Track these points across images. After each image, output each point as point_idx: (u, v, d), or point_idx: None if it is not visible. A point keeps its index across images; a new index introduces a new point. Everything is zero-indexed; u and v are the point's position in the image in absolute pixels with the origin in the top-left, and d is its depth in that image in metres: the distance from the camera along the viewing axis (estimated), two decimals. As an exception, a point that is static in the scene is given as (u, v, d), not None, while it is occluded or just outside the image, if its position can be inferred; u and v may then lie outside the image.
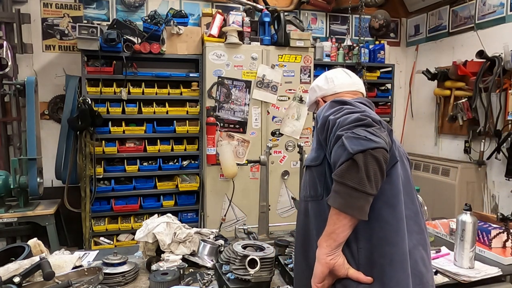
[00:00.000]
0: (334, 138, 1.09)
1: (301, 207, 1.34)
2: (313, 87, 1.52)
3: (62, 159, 3.51)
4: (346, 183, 1.02)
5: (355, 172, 1.01)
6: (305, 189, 1.31)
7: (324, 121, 1.16)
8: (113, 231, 3.62)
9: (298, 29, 3.79)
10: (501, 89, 3.52)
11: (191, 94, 3.77)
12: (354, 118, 1.08)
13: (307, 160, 1.30)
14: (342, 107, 1.17)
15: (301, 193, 1.36)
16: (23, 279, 1.43)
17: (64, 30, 3.82)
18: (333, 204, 1.06)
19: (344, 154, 1.02)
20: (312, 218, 1.26)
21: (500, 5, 3.65)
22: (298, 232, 1.37)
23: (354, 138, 1.02)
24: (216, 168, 3.53)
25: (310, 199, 1.27)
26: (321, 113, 1.22)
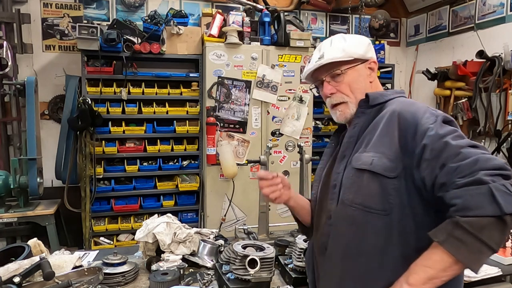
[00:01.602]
0: (465, 175, 0.97)
1: (340, 211, 1.21)
2: (365, 41, 1.31)
3: (62, 159, 3.51)
4: (483, 240, 0.93)
5: (499, 233, 0.94)
6: (352, 194, 1.17)
7: (437, 140, 1.03)
8: (113, 231, 3.62)
9: (298, 29, 3.79)
10: (501, 89, 3.52)
11: (191, 94, 3.77)
12: (498, 164, 0.98)
13: (374, 166, 1.13)
14: (457, 130, 1.07)
15: (344, 194, 1.20)
16: (23, 279, 1.43)
17: (64, 30, 3.82)
18: (456, 255, 0.96)
19: (490, 208, 0.92)
20: (363, 231, 1.15)
21: (500, 5, 3.65)
22: (335, 240, 1.23)
23: (507, 195, 0.92)
24: (216, 168, 3.53)
25: (363, 209, 1.14)
26: (424, 123, 1.08)
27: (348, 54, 1.25)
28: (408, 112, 1.14)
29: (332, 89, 1.28)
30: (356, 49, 1.27)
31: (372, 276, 1.15)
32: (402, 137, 1.11)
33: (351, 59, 1.25)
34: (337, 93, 1.28)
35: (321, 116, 4.16)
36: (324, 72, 1.29)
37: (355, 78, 1.27)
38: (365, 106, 1.25)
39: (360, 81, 1.27)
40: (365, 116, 1.25)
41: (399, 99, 1.24)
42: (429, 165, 1.04)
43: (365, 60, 1.28)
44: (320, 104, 4.13)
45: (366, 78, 1.28)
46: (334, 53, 1.26)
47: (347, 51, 1.26)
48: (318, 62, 1.28)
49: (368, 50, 1.29)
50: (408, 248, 1.11)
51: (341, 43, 1.28)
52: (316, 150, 4.05)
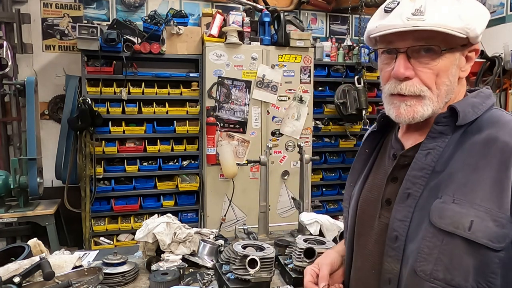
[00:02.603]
0: None
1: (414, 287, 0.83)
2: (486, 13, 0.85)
3: (62, 159, 3.51)
4: None
5: None
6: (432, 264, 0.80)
7: None
8: (113, 231, 3.62)
9: (298, 29, 3.79)
10: (501, 89, 3.52)
11: (191, 94, 3.77)
12: None
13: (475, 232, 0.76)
14: None
15: (417, 263, 0.82)
16: (23, 279, 1.43)
17: (64, 30, 3.82)
18: None
19: None
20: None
21: (500, 5, 3.65)
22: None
23: None
24: (216, 168, 3.53)
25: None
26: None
27: (466, 29, 0.80)
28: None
29: (411, 71, 0.84)
30: (476, 22, 0.82)
31: None
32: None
33: (464, 36, 0.81)
34: (414, 79, 0.84)
35: (321, 116, 4.15)
36: (410, 39, 0.83)
37: (448, 68, 0.84)
38: (448, 123, 0.86)
39: (451, 73, 0.85)
40: (444, 139, 0.86)
41: (497, 115, 0.85)
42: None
43: (470, 44, 0.85)
44: (320, 104, 4.13)
45: (458, 71, 0.86)
46: (446, 17, 0.80)
47: (467, 23, 0.80)
48: (413, 20, 0.80)
49: (481, 24, 0.83)
50: None
51: (456, 4, 0.82)
52: (316, 150, 4.05)
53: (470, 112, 0.84)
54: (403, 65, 0.83)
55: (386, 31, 0.83)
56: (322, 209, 4.01)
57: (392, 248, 0.87)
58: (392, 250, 0.87)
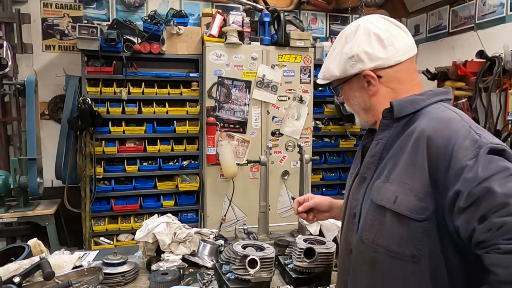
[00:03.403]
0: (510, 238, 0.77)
1: (362, 252, 1.02)
2: (357, 54, 1.01)
3: (62, 159, 3.51)
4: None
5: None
6: (374, 233, 0.98)
7: (477, 184, 0.81)
8: (113, 231, 3.62)
9: (298, 29, 3.79)
10: (501, 89, 3.51)
11: (191, 94, 3.77)
12: None
13: (398, 205, 0.92)
14: (508, 168, 0.82)
15: (363, 232, 1.01)
16: (23, 279, 1.43)
17: (64, 30, 3.82)
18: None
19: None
20: (389, 278, 0.97)
21: (500, 5, 3.65)
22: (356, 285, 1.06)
23: None
24: (216, 168, 3.53)
25: (389, 254, 0.95)
26: (462, 157, 0.85)
27: (326, 77, 1.11)
28: (441, 138, 0.89)
29: (343, 99, 1.16)
30: (333, 69, 1.08)
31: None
32: (433, 171, 0.89)
33: (327, 81, 1.12)
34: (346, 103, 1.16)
35: (321, 116, 4.16)
36: None
37: (349, 94, 1.10)
38: (389, 117, 1.02)
39: (355, 96, 1.08)
40: (390, 131, 1.02)
41: (432, 111, 0.98)
42: (465, 215, 0.83)
43: (358, 73, 1.04)
44: (320, 104, 4.13)
45: (363, 92, 1.06)
46: (320, 76, 1.15)
47: (325, 74, 1.11)
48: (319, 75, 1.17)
49: (351, 65, 1.03)
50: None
51: (326, 60, 1.12)
52: (316, 150, 4.05)
53: (408, 106, 1.00)
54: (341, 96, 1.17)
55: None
56: (322, 209, 4.00)
57: (352, 223, 1.07)
58: (352, 225, 1.08)
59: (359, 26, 1.04)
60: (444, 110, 0.99)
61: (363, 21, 1.05)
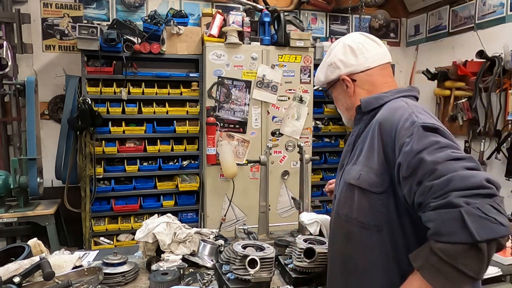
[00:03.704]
0: (437, 196, 0.90)
1: (338, 226, 1.21)
2: (334, 62, 1.25)
3: (62, 159, 3.51)
4: (459, 268, 0.87)
5: (475, 260, 0.86)
6: (347, 208, 1.17)
7: (413, 156, 0.97)
8: (113, 231, 3.62)
9: (298, 29, 3.79)
10: (501, 89, 3.51)
11: (191, 94, 3.77)
12: (476, 182, 0.88)
13: (361, 181, 1.11)
14: (438, 141, 0.97)
15: (338, 208, 1.21)
16: (23, 279, 1.43)
17: (64, 30, 3.82)
18: (433, 284, 0.91)
19: (463, 235, 0.85)
20: (359, 246, 1.14)
21: (500, 5, 3.65)
22: (335, 255, 1.25)
23: (481, 219, 0.84)
24: (216, 168, 3.53)
25: (359, 225, 1.13)
26: (402, 136, 1.01)
27: (316, 83, 1.40)
28: (388, 122, 1.08)
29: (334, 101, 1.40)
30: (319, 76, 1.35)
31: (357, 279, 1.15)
32: (385, 150, 1.07)
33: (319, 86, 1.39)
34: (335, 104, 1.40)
35: (321, 116, 4.15)
36: None
37: (336, 96, 1.34)
38: (360, 112, 1.23)
39: (340, 98, 1.32)
40: (361, 123, 1.23)
41: (390, 104, 1.16)
42: (407, 183, 0.99)
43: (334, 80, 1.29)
44: (320, 104, 4.13)
45: (344, 94, 1.29)
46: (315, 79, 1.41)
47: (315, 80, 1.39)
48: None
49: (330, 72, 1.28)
50: (399, 265, 1.08)
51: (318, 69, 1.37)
52: (316, 150, 4.05)
53: (373, 102, 1.20)
54: None
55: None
56: (322, 209, 4.00)
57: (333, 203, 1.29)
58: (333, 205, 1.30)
59: (339, 41, 1.28)
60: (398, 101, 1.16)
61: (344, 37, 1.30)
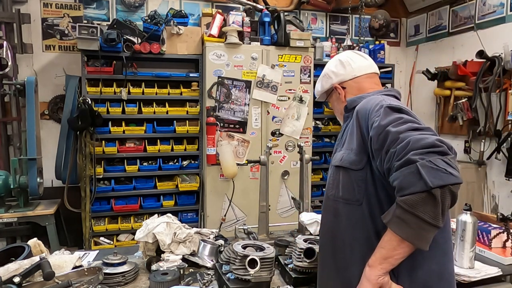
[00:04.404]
0: (399, 158, 1.04)
1: (328, 206, 1.35)
2: (327, 73, 1.48)
3: (62, 159, 3.51)
4: (418, 215, 0.99)
5: (431, 206, 0.99)
6: (335, 189, 1.31)
7: (381, 130, 1.11)
8: (113, 231, 3.62)
9: (298, 29, 3.79)
10: (501, 89, 3.52)
11: (191, 94, 3.77)
12: (429, 142, 1.02)
13: (343, 161, 1.27)
14: (402, 117, 1.12)
15: (328, 191, 1.36)
16: (23, 279, 1.43)
17: (64, 30, 3.82)
18: (399, 233, 1.04)
19: (419, 184, 0.98)
20: (344, 222, 1.27)
21: (500, 5, 3.65)
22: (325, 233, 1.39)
23: (433, 169, 0.98)
24: (216, 168, 3.53)
25: (343, 201, 1.27)
26: (373, 117, 1.17)
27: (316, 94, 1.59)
28: (363, 108, 1.25)
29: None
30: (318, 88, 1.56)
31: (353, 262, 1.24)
32: (361, 132, 1.22)
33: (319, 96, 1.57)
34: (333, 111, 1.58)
35: (321, 116, 4.16)
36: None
37: (332, 103, 1.54)
38: (347, 110, 1.41)
39: (335, 105, 1.52)
40: (349, 120, 1.37)
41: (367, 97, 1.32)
42: (378, 154, 1.12)
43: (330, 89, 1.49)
44: (320, 104, 4.13)
45: (338, 100, 1.48)
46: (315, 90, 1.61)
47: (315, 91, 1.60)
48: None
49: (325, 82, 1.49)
50: (378, 235, 1.17)
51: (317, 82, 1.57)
52: (316, 150, 4.05)
53: (356, 100, 1.35)
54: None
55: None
56: (322, 209, 4.01)
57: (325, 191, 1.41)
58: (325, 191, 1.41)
59: (334, 58, 1.50)
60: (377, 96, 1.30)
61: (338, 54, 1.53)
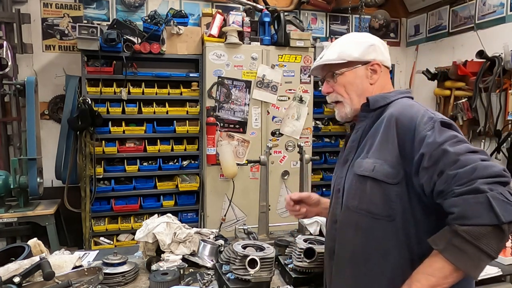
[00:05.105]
0: (463, 183, 0.97)
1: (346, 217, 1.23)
2: (375, 44, 1.29)
3: (62, 159, 3.51)
4: (481, 248, 0.95)
5: (497, 240, 0.95)
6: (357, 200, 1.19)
7: (435, 148, 1.03)
8: (113, 231, 3.62)
9: (298, 29, 3.79)
10: (501, 89, 3.51)
11: (191, 94, 3.77)
12: (497, 172, 0.97)
13: (376, 172, 1.14)
14: (456, 135, 1.06)
15: (348, 200, 1.22)
16: (23, 279, 1.43)
17: (64, 30, 3.82)
18: (455, 262, 0.98)
19: (488, 217, 0.93)
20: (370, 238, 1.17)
21: (500, 5, 3.65)
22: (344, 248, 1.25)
23: (504, 203, 0.93)
24: (216, 168, 3.53)
25: (369, 215, 1.16)
26: (422, 130, 1.07)
27: (341, 57, 1.27)
28: (406, 117, 1.13)
29: (328, 88, 1.33)
30: (351, 51, 1.27)
31: (377, 281, 1.17)
32: (401, 143, 1.11)
33: (344, 61, 1.27)
34: (333, 93, 1.33)
35: (321, 116, 4.16)
36: (325, 71, 1.34)
37: (351, 80, 1.28)
38: (366, 110, 1.27)
39: (356, 83, 1.28)
40: (367, 120, 1.26)
41: (399, 101, 1.23)
42: (428, 172, 1.04)
43: (366, 62, 1.27)
44: (320, 104, 4.13)
45: (365, 80, 1.28)
46: (329, 55, 1.30)
47: (341, 54, 1.28)
48: (317, 62, 1.34)
49: (369, 52, 1.27)
50: (410, 253, 1.13)
51: (338, 45, 1.31)
52: (316, 150, 4.05)
53: (379, 100, 1.24)
54: (324, 86, 1.35)
55: (312, 68, 1.39)
56: (322, 209, 4.00)
57: (337, 197, 1.29)
58: (336, 199, 1.29)
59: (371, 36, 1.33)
60: (407, 100, 1.25)
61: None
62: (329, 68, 1.31)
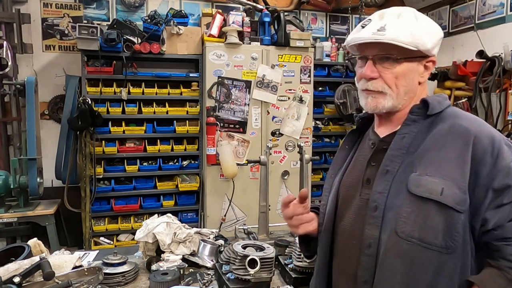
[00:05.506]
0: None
1: (394, 246, 0.99)
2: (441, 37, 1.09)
3: (62, 159, 3.51)
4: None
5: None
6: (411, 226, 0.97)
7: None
8: (113, 231, 3.62)
9: (298, 29, 3.79)
10: (501, 89, 3.51)
11: (191, 94, 3.77)
12: None
13: (445, 197, 0.94)
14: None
15: (399, 226, 0.98)
16: (23, 279, 1.43)
17: (64, 30, 3.82)
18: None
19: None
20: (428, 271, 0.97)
21: (500, 5, 3.65)
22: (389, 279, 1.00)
23: None
24: (216, 168, 3.53)
25: (423, 245, 0.96)
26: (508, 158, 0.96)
27: (415, 43, 1.00)
28: (486, 137, 0.97)
29: (375, 73, 1.05)
30: (426, 40, 1.02)
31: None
32: (476, 166, 0.95)
33: (415, 49, 1.00)
34: (379, 80, 1.05)
35: (321, 116, 4.16)
36: (375, 49, 1.04)
37: (406, 72, 1.04)
38: (420, 114, 1.06)
39: (410, 77, 1.05)
40: (417, 126, 1.05)
41: (455, 110, 1.07)
42: (503, 209, 0.94)
43: (427, 56, 1.05)
44: (320, 104, 4.13)
45: (416, 76, 1.06)
46: (400, 33, 1.00)
47: (417, 38, 1.00)
48: (377, 34, 1.01)
49: (437, 45, 1.06)
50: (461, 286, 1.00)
51: (412, 24, 1.02)
52: (316, 150, 4.05)
53: (436, 105, 1.04)
54: (370, 69, 1.05)
55: (357, 42, 1.05)
56: (322, 209, 4.00)
57: (372, 216, 1.03)
58: (372, 218, 1.03)
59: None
60: (460, 111, 1.08)
61: None
62: (385, 48, 1.02)
